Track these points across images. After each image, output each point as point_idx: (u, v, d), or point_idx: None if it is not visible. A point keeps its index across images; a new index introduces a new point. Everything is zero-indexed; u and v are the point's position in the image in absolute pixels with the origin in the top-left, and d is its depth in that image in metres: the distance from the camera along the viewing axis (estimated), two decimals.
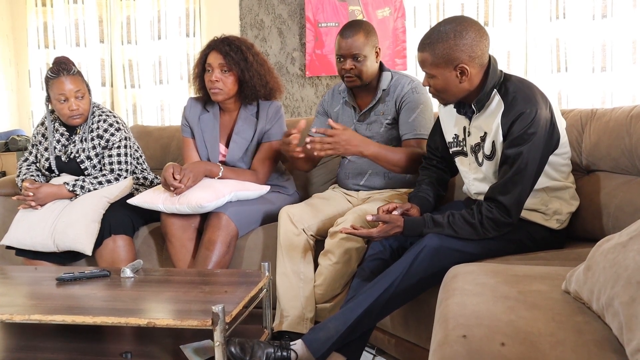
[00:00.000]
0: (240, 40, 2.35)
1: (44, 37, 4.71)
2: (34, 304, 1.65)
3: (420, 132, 2.19)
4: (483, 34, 1.70)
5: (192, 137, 2.46)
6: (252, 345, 1.60)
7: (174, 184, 2.15)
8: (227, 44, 2.31)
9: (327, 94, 2.46)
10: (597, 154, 1.98)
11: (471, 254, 1.70)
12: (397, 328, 1.93)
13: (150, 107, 4.62)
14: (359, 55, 2.16)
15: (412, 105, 2.20)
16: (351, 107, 2.33)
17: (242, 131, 2.40)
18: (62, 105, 2.39)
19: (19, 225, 2.35)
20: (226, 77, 2.31)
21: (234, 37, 2.36)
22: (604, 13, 3.63)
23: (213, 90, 2.32)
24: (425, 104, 2.22)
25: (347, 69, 2.18)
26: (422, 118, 2.20)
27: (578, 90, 3.72)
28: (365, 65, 2.19)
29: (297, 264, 2.07)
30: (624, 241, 1.04)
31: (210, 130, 2.43)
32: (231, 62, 2.29)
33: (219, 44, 2.32)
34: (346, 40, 2.16)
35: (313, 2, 4.10)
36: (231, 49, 2.29)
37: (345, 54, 2.17)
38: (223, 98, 2.34)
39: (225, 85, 2.31)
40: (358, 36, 2.16)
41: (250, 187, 2.29)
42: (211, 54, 2.32)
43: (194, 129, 2.46)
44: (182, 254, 2.24)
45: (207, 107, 2.47)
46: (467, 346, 1.01)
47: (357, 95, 2.33)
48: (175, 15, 4.49)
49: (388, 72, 2.28)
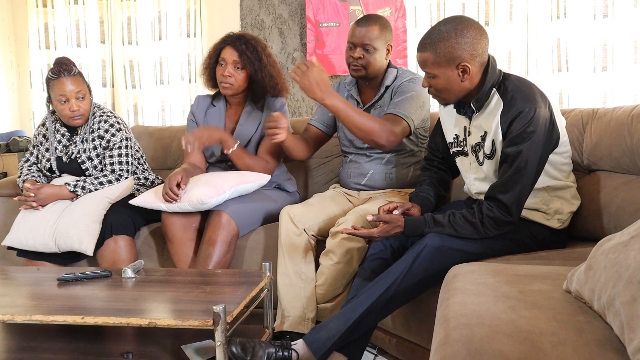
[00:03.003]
0: (257, 40, 2.40)
1: (44, 38, 4.71)
2: (35, 304, 1.65)
3: (400, 111, 2.14)
4: (483, 32, 1.71)
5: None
6: (254, 345, 1.60)
7: (174, 190, 2.15)
8: (244, 42, 2.35)
9: (332, 86, 2.45)
10: (598, 153, 1.98)
11: (472, 253, 1.70)
12: (398, 328, 1.93)
13: (151, 107, 4.62)
14: (370, 46, 2.16)
15: (403, 90, 2.19)
16: (355, 101, 2.33)
17: (246, 123, 2.43)
18: (63, 106, 2.40)
19: (20, 226, 2.35)
20: (238, 74, 2.36)
21: (250, 35, 2.41)
22: (605, 12, 3.62)
23: (224, 84, 2.36)
24: (418, 92, 2.18)
25: (355, 57, 2.18)
26: (408, 103, 2.16)
27: (579, 90, 3.71)
28: (373, 58, 2.18)
29: (298, 264, 2.07)
30: (625, 241, 1.03)
31: (216, 123, 2.47)
32: (246, 61, 2.34)
33: (235, 40, 2.36)
34: (360, 29, 2.17)
35: (314, 2, 4.10)
36: (247, 48, 2.34)
37: (356, 42, 2.17)
38: (232, 93, 2.40)
39: (236, 81, 2.36)
40: (373, 28, 2.16)
41: (249, 178, 2.28)
42: (226, 48, 2.36)
43: (200, 124, 2.50)
44: (182, 253, 2.24)
45: (214, 102, 2.52)
46: (468, 346, 1.01)
47: (362, 91, 2.33)
48: (176, 15, 4.49)
49: (394, 69, 2.28)
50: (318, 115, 2.43)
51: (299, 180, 2.68)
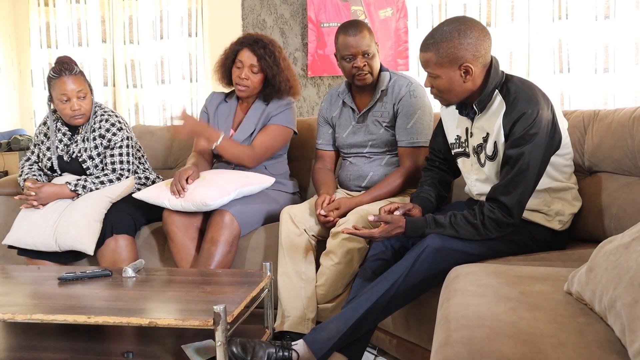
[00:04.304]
0: (274, 44, 2.42)
1: (46, 37, 4.72)
2: (35, 303, 1.65)
3: (417, 140, 2.19)
4: (486, 33, 1.70)
5: (207, 121, 2.55)
6: (254, 345, 1.60)
7: (182, 185, 2.18)
8: (262, 46, 2.37)
9: (324, 102, 2.44)
10: (599, 155, 1.97)
11: (473, 254, 1.70)
12: (398, 328, 1.93)
13: (153, 106, 4.63)
14: (368, 51, 2.16)
15: (409, 111, 2.19)
16: (350, 109, 2.33)
17: (252, 116, 2.46)
18: (64, 105, 2.40)
19: (21, 224, 2.35)
20: (255, 77, 2.39)
21: (267, 39, 2.42)
22: (607, 14, 3.62)
23: (240, 87, 2.40)
24: (423, 108, 2.21)
25: (360, 66, 2.16)
26: (419, 124, 2.19)
27: (580, 91, 3.71)
28: (374, 62, 2.19)
29: (299, 264, 2.07)
30: (626, 242, 1.03)
31: (225, 118, 2.51)
32: (265, 65, 2.37)
33: (253, 43, 2.38)
34: (354, 38, 2.14)
35: (315, 2, 4.10)
36: (266, 52, 2.36)
37: (355, 52, 2.15)
38: (247, 95, 2.44)
39: (252, 84, 2.40)
40: (364, 33, 2.16)
41: (252, 181, 2.29)
42: (244, 51, 2.38)
43: (211, 116, 2.56)
44: (184, 252, 2.24)
45: (227, 99, 2.57)
46: (468, 347, 1.01)
47: (356, 96, 2.32)
48: (177, 15, 4.49)
49: (386, 72, 2.27)
50: (322, 138, 2.43)
51: (300, 181, 2.68)
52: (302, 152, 2.76)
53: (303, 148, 2.75)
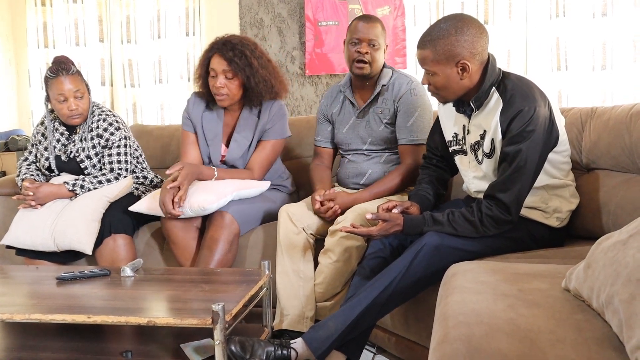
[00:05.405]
0: (244, 43, 2.27)
1: (43, 37, 4.71)
2: (34, 303, 1.65)
3: (417, 137, 2.19)
4: (483, 30, 1.71)
5: (193, 132, 2.43)
6: (253, 344, 1.60)
7: (173, 213, 2.11)
8: (230, 49, 2.24)
9: (324, 99, 2.44)
10: (597, 152, 1.98)
11: (471, 252, 1.70)
12: (397, 326, 1.93)
13: (150, 106, 4.62)
14: (375, 42, 2.17)
15: (409, 109, 2.19)
16: (350, 103, 2.33)
17: (243, 130, 2.37)
18: (61, 105, 2.39)
19: (19, 224, 2.35)
20: (231, 83, 2.26)
21: (236, 39, 2.29)
22: (604, 11, 3.62)
23: (219, 97, 2.28)
24: (423, 107, 2.21)
25: (362, 52, 2.16)
26: (420, 122, 2.19)
27: (578, 89, 3.71)
28: (378, 54, 2.19)
29: (297, 263, 2.07)
30: (623, 239, 1.04)
31: (214, 130, 2.40)
32: (236, 69, 2.23)
33: (221, 47, 2.25)
34: (366, 24, 2.16)
35: (313, 1, 4.09)
36: (235, 55, 2.23)
37: (362, 38, 2.16)
38: (229, 103, 2.32)
39: (230, 91, 2.27)
40: (376, 24, 2.18)
41: (250, 184, 2.29)
42: (215, 57, 2.26)
43: (196, 126, 2.42)
44: (187, 253, 2.23)
45: (211, 105, 2.43)
46: (467, 344, 1.01)
47: (357, 91, 2.33)
48: (175, 14, 4.49)
49: (389, 69, 2.28)
50: (320, 135, 2.43)
51: (298, 179, 2.68)
52: (299, 151, 2.76)
53: (300, 147, 2.75)
